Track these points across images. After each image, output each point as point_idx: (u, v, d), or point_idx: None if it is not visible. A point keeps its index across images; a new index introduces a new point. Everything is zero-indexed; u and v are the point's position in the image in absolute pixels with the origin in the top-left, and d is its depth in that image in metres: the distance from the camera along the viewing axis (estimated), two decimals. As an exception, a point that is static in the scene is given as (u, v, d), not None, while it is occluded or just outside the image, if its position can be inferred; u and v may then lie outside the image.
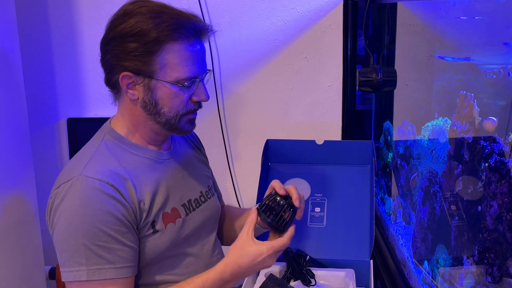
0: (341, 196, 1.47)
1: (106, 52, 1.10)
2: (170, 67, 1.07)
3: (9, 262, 1.51)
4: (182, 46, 1.07)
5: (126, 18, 1.07)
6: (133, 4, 1.09)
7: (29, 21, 1.91)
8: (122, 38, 1.06)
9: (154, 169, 1.16)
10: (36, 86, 1.96)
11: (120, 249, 1.05)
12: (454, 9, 1.31)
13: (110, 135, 1.16)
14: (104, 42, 1.10)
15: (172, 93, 1.09)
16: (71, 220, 1.03)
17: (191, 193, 1.24)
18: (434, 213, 1.35)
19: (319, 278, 1.25)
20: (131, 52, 1.06)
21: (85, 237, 1.02)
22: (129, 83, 1.09)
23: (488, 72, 1.06)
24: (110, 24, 1.10)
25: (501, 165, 0.97)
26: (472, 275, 1.10)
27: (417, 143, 1.54)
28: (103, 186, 1.05)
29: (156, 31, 1.05)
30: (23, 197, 1.60)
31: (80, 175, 1.06)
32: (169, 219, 1.15)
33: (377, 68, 1.56)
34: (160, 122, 1.12)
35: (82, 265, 1.02)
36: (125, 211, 1.06)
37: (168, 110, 1.11)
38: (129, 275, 1.06)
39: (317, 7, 1.93)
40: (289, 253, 1.28)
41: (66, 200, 1.05)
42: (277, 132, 2.01)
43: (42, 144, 2.01)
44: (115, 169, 1.09)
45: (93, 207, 1.03)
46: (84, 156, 1.12)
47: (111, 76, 1.11)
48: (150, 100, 1.10)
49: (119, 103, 1.16)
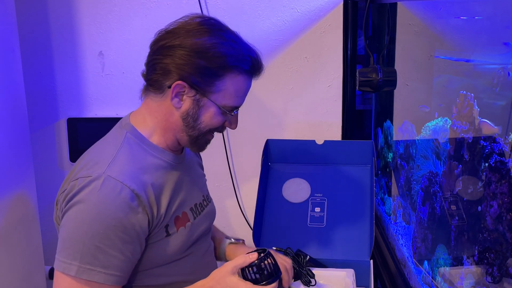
0: (341, 196, 1.47)
1: (167, 56, 1.09)
2: (225, 94, 1.11)
3: (9, 262, 1.51)
4: (242, 78, 1.12)
5: (203, 34, 1.08)
6: (210, 23, 1.11)
7: (29, 21, 1.91)
8: (194, 52, 1.07)
9: (171, 173, 1.17)
10: (36, 86, 1.96)
11: (117, 257, 1.05)
12: (454, 9, 1.31)
13: (132, 133, 1.15)
14: (168, 45, 1.09)
15: (215, 115, 1.13)
16: (81, 214, 1.04)
17: (196, 197, 1.25)
18: (434, 213, 1.35)
19: (319, 278, 1.25)
20: (196, 68, 1.07)
21: (88, 234, 1.02)
22: (180, 92, 1.10)
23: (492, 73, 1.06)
24: (177, 30, 1.10)
25: (501, 165, 0.97)
26: (472, 275, 1.10)
27: (418, 143, 1.54)
28: (124, 191, 1.05)
29: (227, 59, 1.08)
30: (23, 197, 1.60)
31: (104, 173, 1.05)
32: (180, 223, 1.17)
33: (377, 68, 1.56)
34: (191, 136, 1.15)
35: (75, 260, 1.03)
36: (136, 221, 1.06)
37: (204, 127, 1.14)
38: (116, 284, 1.06)
39: (317, 7, 1.93)
40: (289, 253, 1.28)
41: (83, 193, 1.04)
42: (277, 132, 2.02)
43: (42, 144, 2.01)
44: (138, 172, 1.09)
45: (106, 209, 1.03)
46: (106, 153, 1.11)
47: (162, 78, 1.10)
48: (193, 114, 1.12)
49: (152, 102, 1.15)
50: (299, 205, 1.47)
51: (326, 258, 1.35)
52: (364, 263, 1.33)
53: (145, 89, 1.16)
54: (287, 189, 1.50)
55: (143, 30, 1.90)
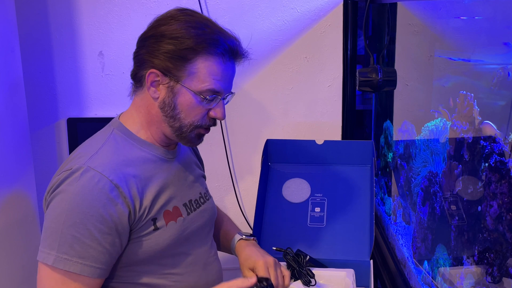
0: (341, 196, 1.47)
1: (141, 47, 1.13)
2: (198, 77, 1.11)
3: (9, 262, 1.51)
4: (215, 61, 1.11)
5: (170, 21, 1.11)
6: (181, 11, 1.13)
7: (29, 21, 1.91)
8: (161, 38, 1.10)
9: (160, 167, 1.18)
10: (36, 86, 1.96)
11: (94, 248, 1.04)
12: (454, 9, 1.31)
13: (119, 129, 1.17)
14: (143, 37, 1.14)
15: (192, 102, 1.12)
16: (60, 204, 1.05)
17: (191, 193, 1.25)
18: (434, 213, 1.35)
19: (319, 278, 1.25)
20: (166, 53, 1.09)
21: (65, 224, 1.03)
22: (154, 81, 1.11)
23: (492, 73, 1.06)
24: (153, 23, 1.14)
25: (501, 165, 0.97)
26: (472, 275, 1.10)
27: (417, 143, 1.54)
28: (102, 181, 1.05)
29: (195, 40, 1.09)
30: (23, 197, 1.60)
31: (84, 164, 1.07)
32: (170, 217, 1.16)
33: (377, 68, 1.56)
34: (173, 127, 1.15)
35: (53, 250, 1.04)
36: (114, 211, 1.06)
37: (184, 117, 1.13)
38: (94, 276, 1.06)
39: (317, 7, 1.93)
40: (289, 253, 1.28)
41: (63, 185, 1.06)
42: (277, 132, 2.02)
43: (42, 144, 2.01)
44: (121, 164, 1.10)
45: (84, 199, 1.04)
46: (90, 147, 1.13)
47: (139, 70, 1.13)
48: (169, 103, 1.12)
49: (137, 98, 1.17)
50: (299, 205, 1.47)
51: (326, 258, 1.35)
52: (364, 263, 1.33)
53: (132, 87, 1.19)
54: (287, 189, 1.50)
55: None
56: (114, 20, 1.92)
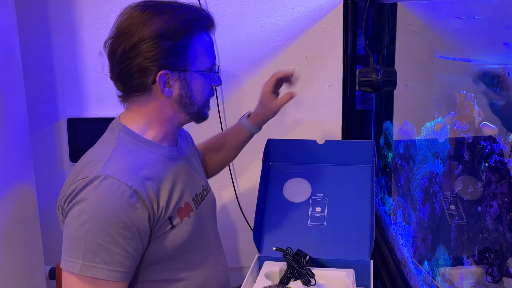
0: (342, 196, 1.47)
1: (134, 57, 1.09)
2: (200, 57, 1.15)
3: (9, 262, 1.51)
4: (204, 36, 1.15)
5: (152, 18, 1.09)
6: (148, 6, 1.11)
7: (29, 21, 1.91)
8: (156, 38, 1.08)
9: (169, 165, 1.19)
10: (36, 86, 1.96)
11: (119, 253, 1.06)
12: (454, 9, 1.31)
13: (125, 132, 1.17)
14: (128, 48, 1.09)
15: (203, 82, 1.17)
16: (81, 213, 1.06)
17: (196, 187, 1.27)
18: (434, 213, 1.35)
19: (319, 278, 1.25)
20: (167, 50, 1.09)
21: (88, 232, 1.04)
22: (165, 81, 1.12)
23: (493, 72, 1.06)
24: (129, 28, 1.10)
25: (501, 165, 0.97)
26: (472, 275, 1.10)
27: (418, 143, 1.54)
28: (121, 188, 1.06)
29: (185, 25, 1.10)
30: (23, 197, 1.60)
31: (101, 172, 1.07)
32: (184, 213, 1.18)
33: (377, 68, 1.56)
34: (192, 113, 1.18)
35: (78, 258, 1.04)
36: (135, 216, 1.07)
37: (199, 99, 1.18)
38: (121, 280, 1.07)
39: (317, 7, 1.93)
40: (289, 253, 1.28)
41: (83, 193, 1.06)
42: (277, 132, 2.01)
43: (42, 144, 2.01)
44: (135, 168, 1.11)
45: (105, 207, 1.04)
46: (100, 153, 1.13)
47: (143, 79, 1.11)
48: (187, 93, 1.15)
49: (140, 104, 1.16)
50: (299, 205, 1.47)
51: (326, 258, 1.35)
52: (364, 263, 1.33)
53: (124, 97, 1.18)
54: (287, 188, 1.50)
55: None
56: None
